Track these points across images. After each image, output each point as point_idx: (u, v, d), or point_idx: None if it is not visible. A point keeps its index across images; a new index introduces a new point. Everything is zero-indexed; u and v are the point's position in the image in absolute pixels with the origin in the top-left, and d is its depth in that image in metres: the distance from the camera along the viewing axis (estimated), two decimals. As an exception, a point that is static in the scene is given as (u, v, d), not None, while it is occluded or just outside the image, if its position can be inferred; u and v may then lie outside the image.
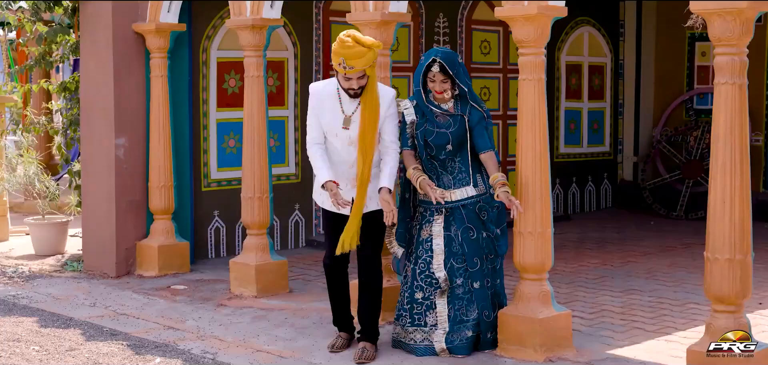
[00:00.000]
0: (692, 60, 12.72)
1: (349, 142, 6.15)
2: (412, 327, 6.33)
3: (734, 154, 5.35)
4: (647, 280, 8.46)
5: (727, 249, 5.37)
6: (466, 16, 11.31)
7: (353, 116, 6.13)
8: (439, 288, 6.23)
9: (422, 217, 6.34)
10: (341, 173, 6.21)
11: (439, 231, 6.25)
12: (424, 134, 6.25)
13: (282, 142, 10.05)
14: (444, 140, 6.22)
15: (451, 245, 6.23)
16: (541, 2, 5.94)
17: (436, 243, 6.25)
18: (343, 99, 6.16)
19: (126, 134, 8.92)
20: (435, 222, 6.27)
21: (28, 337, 6.86)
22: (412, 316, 6.33)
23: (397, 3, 6.92)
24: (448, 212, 6.26)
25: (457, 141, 6.23)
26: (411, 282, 6.34)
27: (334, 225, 6.34)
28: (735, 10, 5.23)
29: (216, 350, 6.51)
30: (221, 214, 9.70)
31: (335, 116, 6.17)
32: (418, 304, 6.31)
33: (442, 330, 6.22)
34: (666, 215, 12.24)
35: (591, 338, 6.59)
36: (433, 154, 6.27)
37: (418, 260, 6.31)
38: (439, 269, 6.22)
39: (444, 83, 6.19)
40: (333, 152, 6.23)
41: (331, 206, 6.24)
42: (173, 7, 8.83)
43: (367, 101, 6.08)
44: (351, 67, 5.93)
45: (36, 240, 10.17)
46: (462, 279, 6.22)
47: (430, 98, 6.29)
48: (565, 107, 12.49)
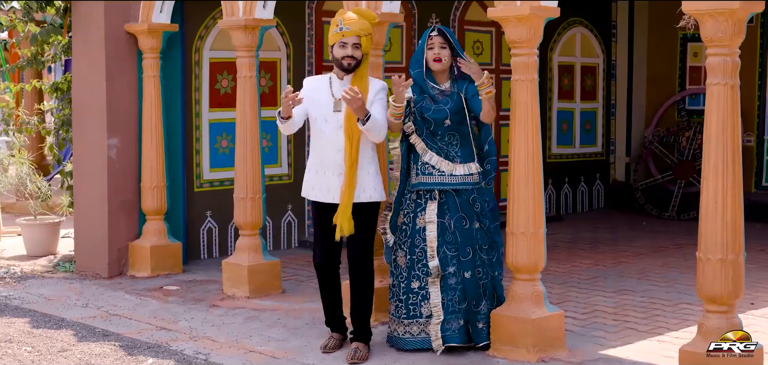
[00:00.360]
0: (684, 61, 12.75)
1: (339, 125, 6.19)
2: (408, 320, 6.34)
3: (726, 154, 5.36)
4: (639, 280, 8.47)
5: (720, 250, 5.38)
6: (458, 17, 11.31)
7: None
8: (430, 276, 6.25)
9: (416, 205, 6.35)
10: (329, 160, 6.23)
11: (432, 218, 6.27)
12: (422, 110, 6.31)
13: (274, 142, 10.04)
14: (442, 115, 6.28)
15: (445, 234, 6.26)
16: (534, 3, 5.95)
17: (429, 230, 6.27)
18: (334, 84, 6.26)
19: (118, 135, 8.91)
20: (428, 210, 6.28)
21: (20, 338, 6.85)
22: (408, 307, 6.33)
23: (390, 3, 6.92)
24: (442, 199, 6.28)
25: (455, 116, 6.29)
26: (407, 272, 6.34)
27: (323, 225, 6.35)
28: (727, 10, 5.24)
29: (208, 350, 6.51)
30: (213, 214, 9.69)
31: (327, 100, 6.25)
32: (415, 294, 6.32)
33: (436, 320, 6.23)
34: (658, 215, 12.27)
35: (583, 338, 6.60)
36: (433, 129, 6.33)
37: (415, 249, 6.32)
38: (431, 257, 6.24)
39: (443, 48, 6.28)
40: (322, 138, 6.26)
41: (318, 196, 6.29)
42: (165, 7, 8.82)
43: (357, 84, 6.17)
44: (348, 28, 6.13)
45: (28, 241, 10.15)
46: (454, 268, 6.24)
47: (430, 78, 6.38)
48: (558, 107, 12.50)
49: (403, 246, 6.40)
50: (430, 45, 6.31)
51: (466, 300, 6.25)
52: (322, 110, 6.25)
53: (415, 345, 6.32)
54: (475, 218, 6.30)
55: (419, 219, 6.33)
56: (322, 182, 6.27)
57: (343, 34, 6.14)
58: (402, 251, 6.39)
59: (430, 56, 6.30)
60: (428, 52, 6.31)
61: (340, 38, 6.15)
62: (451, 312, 6.24)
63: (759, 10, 5.39)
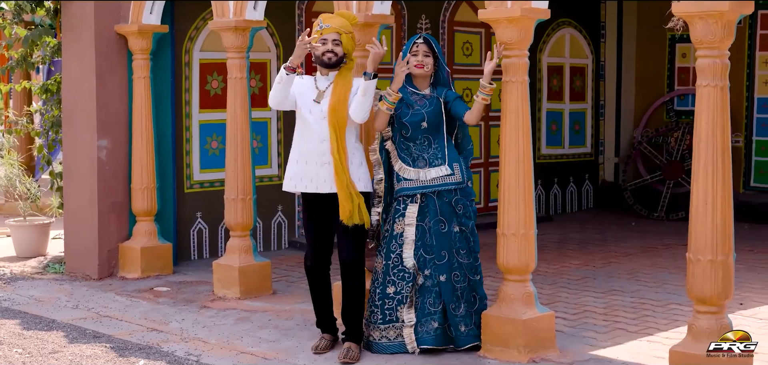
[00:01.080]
0: (673, 61, 12.80)
1: (322, 116, 6.26)
2: (384, 325, 6.35)
3: (716, 156, 5.38)
4: (629, 281, 8.50)
5: (710, 250, 5.40)
6: (448, 18, 11.34)
7: (326, 91, 6.31)
8: (412, 281, 6.25)
9: (396, 211, 6.37)
10: (312, 151, 6.29)
11: (411, 221, 6.29)
12: (400, 116, 6.36)
13: (265, 143, 10.04)
14: (419, 118, 6.34)
15: (424, 237, 6.29)
16: (525, 5, 5.96)
17: (408, 233, 6.29)
18: (318, 79, 6.37)
19: (108, 136, 8.90)
20: (408, 214, 6.30)
21: (10, 340, 6.84)
22: (384, 312, 6.34)
23: (381, 4, 6.93)
24: (423, 202, 6.30)
25: (432, 119, 6.35)
26: (383, 277, 6.36)
27: (314, 227, 6.38)
28: (717, 12, 5.26)
29: (200, 352, 6.51)
30: (204, 215, 9.69)
31: (310, 92, 6.36)
32: (390, 299, 6.32)
33: (409, 322, 6.26)
34: (647, 215, 12.31)
35: (574, 339, 6.62)
36: (408, 135, 6.37)
37: (391, 254, 6.33)
38: (408, 259, 6.26)
39: (426, 56, 6.34)
40: (306, 129, 6.33)
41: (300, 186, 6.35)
42: (155, 8, 8.81)
43: (340, 79, 6.30)
44: (328, 26, 6.27)
45: (17, 242, 10.13)
46: (430, 270, 6.27)
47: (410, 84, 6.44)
48: (547, 108, 12.53)
49: (381, 252, 6.42)
50: (414, 51, 6.35)
51: (442, 302, 6.26)
52: (306, 101, 6.35)
53: (392, 349, 6.33)
54: (455, 220, 6.33)
55: (397, 224, 6.34)
56: (304, 172, 6.33)
57: (321, 31, 6.28)
58: (380, 256, 6.41)
59: (413, 62, 6.33)
60: (412, 57, 6.35)
61: (320, 36, 6.27)
62: (426, 313, 6.27)
63: (748, 11, 5.42)
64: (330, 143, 6.20)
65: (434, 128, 6.37)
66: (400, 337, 6.32)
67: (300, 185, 6.36)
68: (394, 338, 6.33)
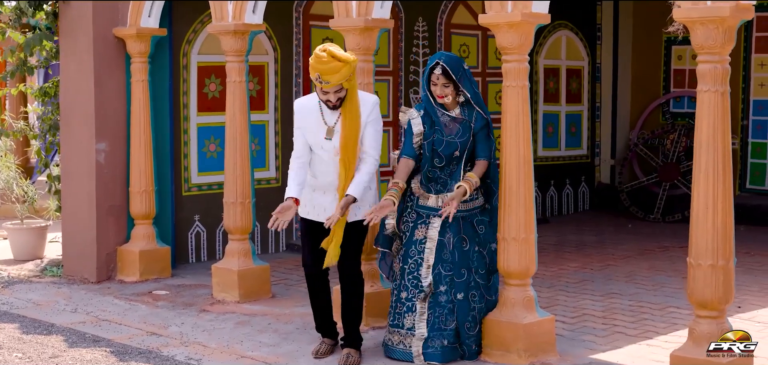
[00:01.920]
0: (669, 63, 12.82)
1: (335, 153, 6.16)
2: (392, 328, 6.34)
3: (717, 161, 5.40)
4: (627, 283, 8.51)
5: (710, 255, 5.42)
6: (445, 20, 11.34)
7: (336, 126, 6.16)
8: (422, 292, 6.23)
9: (418, 217, 6.30)
10: (328, 184, 6.25)
11: (434, 235, 6.21)
12: (434, 144, 6.23)
13: (263, 146, 10.04)
14: (453, 149, 6.22)
15: (442, 252, 6.20)
16: (525, 10, 5.96)
17: (428, 248, 6.22)
18: (325, 111, 6.19)
19: (107, 139, 8.89)
20: (431, 226, 6.22)
21: (10, 344, 6.83)
22: (395, 316, 6.32)
23: (381, 9, 6.93)
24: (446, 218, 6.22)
25: (465, 148, 6.24)
26: (400, 280, 6.33)
27: (311, 233, 6.37)
28: (718, 18, 5.28)
29: (200, 356, 6.50)
30: (202, 218, 9.68)
31: (319, 128, 6.20)
32: (402, 304, 6.29)
33: (420, 335, 6.20)
34: (643, 217, 12.32)
35: (574, 343, 6.63)
36: (441, 165, 6.26)
37: (409, 259, 6.28)
38: (426, 276, 6.21)
39: (446, 87, 6.17)
40: (319, 163, 6.26)
41: (312, 214, 6.33)
42: (154, 11, 8.81)
43: (348, 111, 6.11)
44: (327, 83, 5.96)
45: (14, 245, 10.11)
46: (446, 287, 6.20)
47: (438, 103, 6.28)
48: (543, 110, 12.54)
49: (399, 253, 6.40)
50: (433, 81, 6.20)
51: (455, 321, 6.20)
52: (316, 137, 6.21)
53: (394, 354, 6.31)
54: (477, 241, 6.28)
55: (418, 230, 6.29)
56: (317, 201, 6.29)
57: (322, 86, 6.01)
58: (398, 257, 6.40)
59: (435, 92, 6.21)
60: (433, 87, 6.22)
61: (321, 88, 6.05)
62: (436, 329, 6.18)
63: (749, 17, 5.44)
64: (339, 179, 6.14)
65: (466, 154, 6.27)
66: (402, 345, 6.27)
67: (312, 212, 6.33)
68: (396, 343, 6.30)
